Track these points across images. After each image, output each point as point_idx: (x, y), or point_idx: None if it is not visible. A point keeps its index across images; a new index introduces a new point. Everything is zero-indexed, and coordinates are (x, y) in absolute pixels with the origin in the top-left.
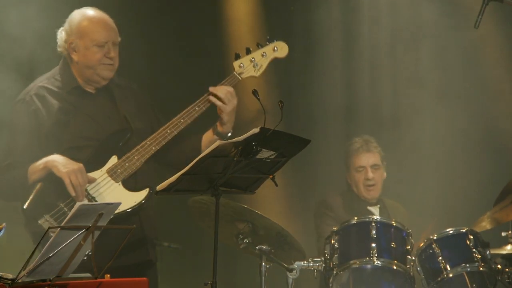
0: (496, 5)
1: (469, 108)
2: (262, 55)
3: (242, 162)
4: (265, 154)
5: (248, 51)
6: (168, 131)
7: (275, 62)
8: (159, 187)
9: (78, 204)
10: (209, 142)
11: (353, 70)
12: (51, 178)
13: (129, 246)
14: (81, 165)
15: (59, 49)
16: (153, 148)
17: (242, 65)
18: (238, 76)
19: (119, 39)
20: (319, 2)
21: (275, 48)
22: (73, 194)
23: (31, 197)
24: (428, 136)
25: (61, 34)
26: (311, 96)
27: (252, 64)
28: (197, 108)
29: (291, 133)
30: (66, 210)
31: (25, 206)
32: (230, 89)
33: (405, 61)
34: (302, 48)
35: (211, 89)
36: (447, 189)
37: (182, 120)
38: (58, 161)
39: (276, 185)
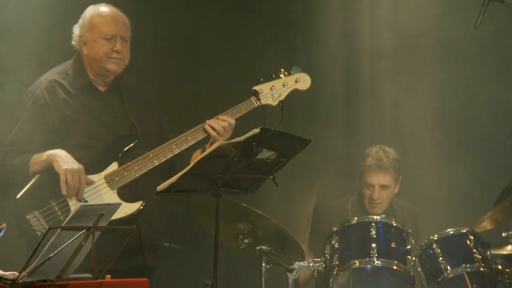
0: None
1: (470, 109)
2: (283, 85)
3: (242, 163)
4: (265, 154)
5: (270, 78)
6: (173, 146)
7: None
8: (160, 188)
9: (79, 204)
10: None
11: (354, 68)
12: (50, 173)
13: (125, 251)
14: (81, 166)
15: (73, 43)
16: (155, 161)
17: (261, 91)
18: (255, 102)
19: (130, 34)
20: (320, 3)
21: (298, 80)
22: (64, 192)
23: (25, 189)
24: (429, 135)
25: (76, 30)
26: (311, 97)
27: (271, 92)
28: (203, 130)
29: (292, 133)
30: (57, 209)
31: (18, 196)
32: (232, 121)
33: (405, 62)
34: (302, 47)
35: (208, 122)
36: (447, 189)
37: (189, 138)
38: (60, 156)
39: (277, 185)
